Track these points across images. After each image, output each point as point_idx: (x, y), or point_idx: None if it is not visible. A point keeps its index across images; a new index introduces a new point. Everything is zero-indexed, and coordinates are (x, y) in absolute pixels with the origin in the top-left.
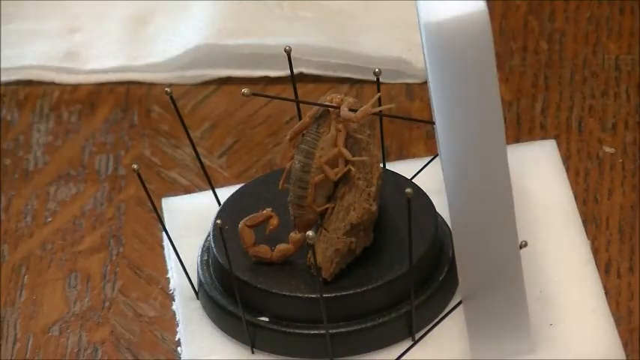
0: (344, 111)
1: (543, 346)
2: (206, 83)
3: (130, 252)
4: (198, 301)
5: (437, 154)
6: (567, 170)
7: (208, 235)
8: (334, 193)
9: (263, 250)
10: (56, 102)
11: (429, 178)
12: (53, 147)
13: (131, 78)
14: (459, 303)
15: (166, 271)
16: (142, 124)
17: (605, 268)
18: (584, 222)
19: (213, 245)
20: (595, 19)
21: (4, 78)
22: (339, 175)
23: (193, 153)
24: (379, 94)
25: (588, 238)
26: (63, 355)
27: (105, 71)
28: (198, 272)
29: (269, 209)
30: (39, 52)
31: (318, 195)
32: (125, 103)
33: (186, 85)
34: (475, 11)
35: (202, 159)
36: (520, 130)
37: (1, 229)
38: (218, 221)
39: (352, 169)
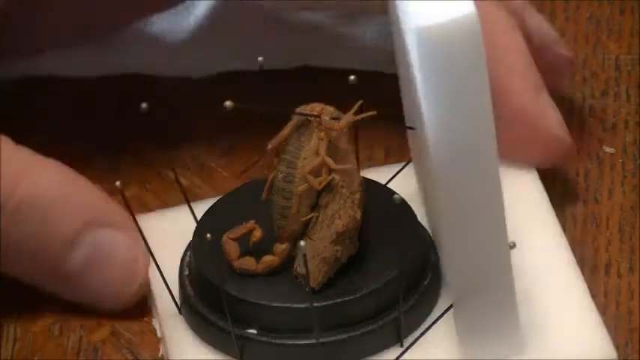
0: (326, 120)
1: (531, 347)
2: (207, 81)
3: None
4: (181, 316)
5: (409, 161)
6: (567, 170)
7: (188, 249)
8: (317, 202)
9: (248, 262)
10: (56, 101)
11: (400, 184)
12: (54, 146)
13: (131, 74)
14: (448, 308)
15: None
16: (142, 123)
17: (605, 268)
18: (584, 222)
19: (194, 259)
20: (595, 19)
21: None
22: (324, 184)
23: (193, 153)
24: (361, 101)
25: (588, 238)
26: (63, 355)
27: (105, 69)
28: (180, 286)
29: (252, 221)
30: None
31: (302, 205)
32: (125, 101)
33: (187, 83)
34: (464, 15)
35: (202, 158)
36: None
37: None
38: (207, 235)
39: (336, 177)
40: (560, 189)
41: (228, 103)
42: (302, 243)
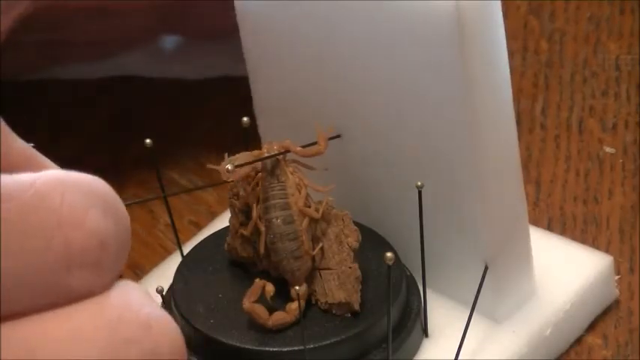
0: (300, 149)
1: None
2: (207, 82)
3: (130, 252)
4: None
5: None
6: (567, 170)
7: (170, 290)
8: (315, 233)
9: (279, 316)
10: (56, 101)
11: None
12: (53, 147)
13: (131, 75)
14: (485, 269)
15: None
16: (142, 123)
17: None
18: (584, 222)
19: (177, 309)
20: (595, 19)
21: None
22: (322, 210)
23: (193, 153)
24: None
25: (588, 238)
26: None
27: (106, 69)
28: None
29: (257, 279)
30: None
31: (307, 239)
32: (125, 102)
33: (187, 84)
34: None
35: (202, 159)
36: (520, 130)
37: None
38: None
39: (330, 199)
40: (559, 189)
41: (229, 167)
42: (303, 287)
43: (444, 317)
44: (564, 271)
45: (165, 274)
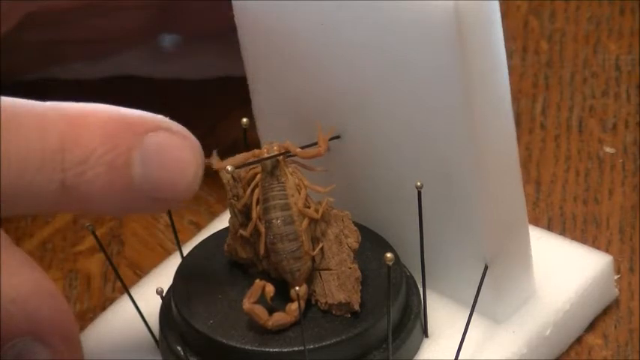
0: (300, 151)
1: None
2: (207, 82)
3: (130, 252)
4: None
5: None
6: (567, 170)
7: (170, 291)
8: (314, 234)
9: (279, 317)
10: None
11: None
12: None
13: (133, 75)
14: (485, 269)
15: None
16: None
17: None
18: (584, 222)
19: (177, 310)
20: (595, 19)
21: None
22: (322, 210)
23: None
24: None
25: (588, 238)
26: None
27: (106, 69)
28: (160, 327)
29: (257, 280)
30: None
31: (307, 240)
32: (125, 102)
33: (187, 84)
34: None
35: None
36: (520, 130)
37: (1, 229)
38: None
39: (330, 200)
40: (559, 189)
41: (229, 168)
42: (303, 288)
43: (444, 317)
44: (564, 271)
45: (165, 275)
